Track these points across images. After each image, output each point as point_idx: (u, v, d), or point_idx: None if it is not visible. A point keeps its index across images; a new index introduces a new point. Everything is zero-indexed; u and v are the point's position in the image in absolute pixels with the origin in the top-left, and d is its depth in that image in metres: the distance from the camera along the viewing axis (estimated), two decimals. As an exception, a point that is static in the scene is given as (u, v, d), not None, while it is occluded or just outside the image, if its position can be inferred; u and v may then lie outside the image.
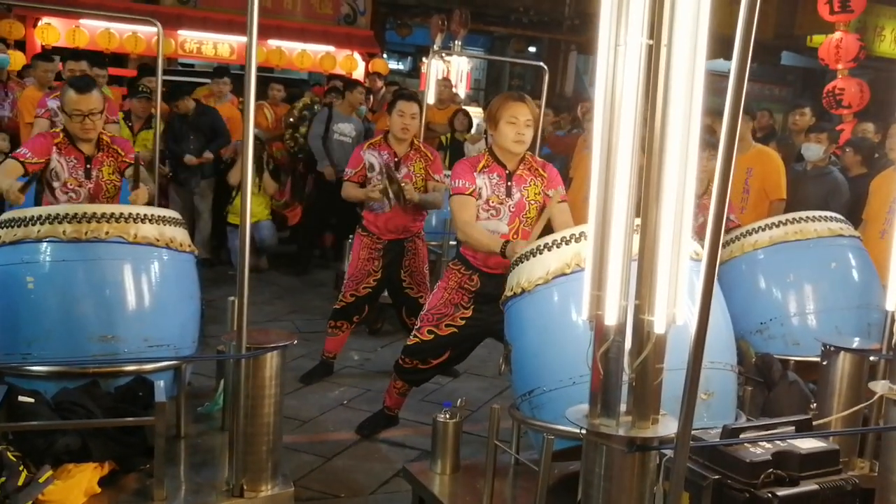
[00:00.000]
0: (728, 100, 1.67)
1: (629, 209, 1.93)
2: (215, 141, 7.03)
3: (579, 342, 2.12)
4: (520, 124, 3.36)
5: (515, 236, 3.40)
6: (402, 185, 4.36)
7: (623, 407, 2.01)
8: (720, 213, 1.71)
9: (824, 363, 3.08)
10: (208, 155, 6.97)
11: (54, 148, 3.56)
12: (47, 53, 9.04)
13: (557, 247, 2.73)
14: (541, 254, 2.77)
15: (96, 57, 8.44)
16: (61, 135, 3.62)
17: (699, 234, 2.30)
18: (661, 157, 1.86)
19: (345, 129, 7.23)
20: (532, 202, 3.45)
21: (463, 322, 3.53)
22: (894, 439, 2.41)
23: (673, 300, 1.88)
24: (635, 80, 1.91)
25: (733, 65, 1.65)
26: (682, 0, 1.79)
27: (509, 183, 3.44)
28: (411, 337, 3.68)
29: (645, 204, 1.89)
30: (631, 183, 1.92)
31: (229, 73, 7.88)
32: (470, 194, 3.41)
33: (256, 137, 6.99)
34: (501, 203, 3.43)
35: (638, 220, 1.92)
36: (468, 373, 4.92)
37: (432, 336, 3.57)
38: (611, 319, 1.95)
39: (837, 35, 8.16)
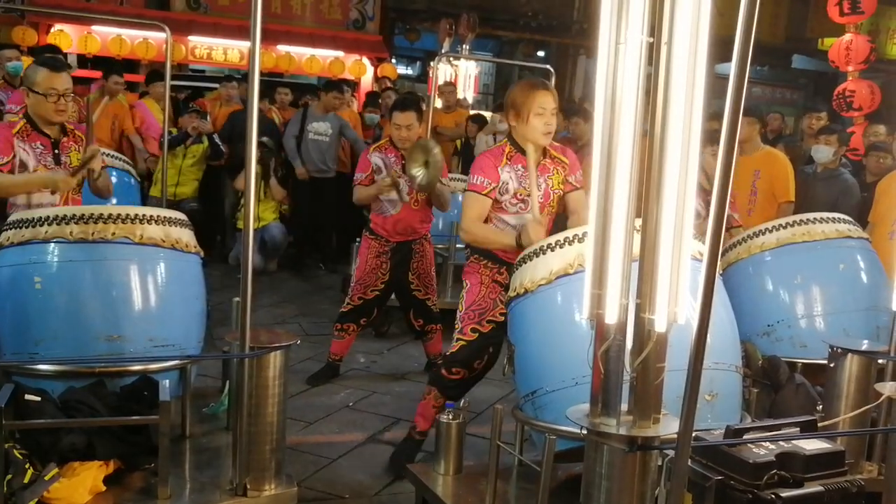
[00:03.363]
0: (728, 98, 1.66)
1: (629, 206, 1.92)
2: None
3: (582, 342, 2.11)
4: (547, 114, 3.20)
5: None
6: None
7: (624, 406, 2.00)
8: (721, 212, 1.71)
9: (831, 365, 3.06)
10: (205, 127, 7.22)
11: (15, 138, 3.29)
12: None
13: (560, 247, 2.72)
14: (544, 254, 2.76)
15: (116, 66, 8.82)
16: (21, 122, 3.35)
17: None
18: (662, 155, 1.85)
19: (320, 129, 7.36)
20: (556, 191, 3.34)
21: (502, 317, 3.29)
22: (900, 441, 2.39)
23: (674, 299, 1.87)
24: (636, 78, 1.91)
25: (734, 61, 1.65)
26: (681, -2, 1.79)
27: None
28: (455, 343, 3.38)
29: (646, 202, 1.89)
30: (631, 180, 1.92)
31: (236, 77, 8.03)
32: (487, 194, 3.22)
33: (265, 144, 7.06)
34: (529, 195, 3.26)
35: (639, 220, 1.92)
36: (475, 376, 4.90)
37: (476, 335, 3.32)
38: (611, 318, 1.95)
39: (848, 37, 8.11)
